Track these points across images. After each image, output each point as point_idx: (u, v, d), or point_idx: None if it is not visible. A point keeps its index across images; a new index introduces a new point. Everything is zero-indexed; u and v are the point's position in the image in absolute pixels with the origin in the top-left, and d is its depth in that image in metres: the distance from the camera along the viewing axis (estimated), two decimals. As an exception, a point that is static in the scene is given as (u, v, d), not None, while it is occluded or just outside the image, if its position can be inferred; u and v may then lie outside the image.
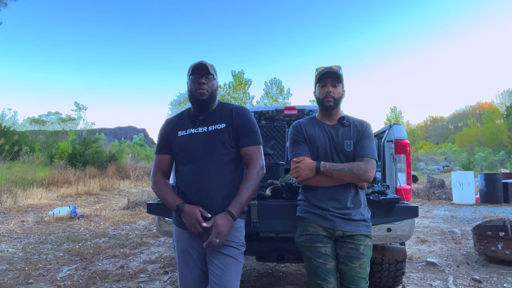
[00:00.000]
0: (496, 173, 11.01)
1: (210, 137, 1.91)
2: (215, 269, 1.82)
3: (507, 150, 31.31)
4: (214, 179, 1.86)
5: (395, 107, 40.97)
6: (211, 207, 1.85)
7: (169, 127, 2.03)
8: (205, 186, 1.86)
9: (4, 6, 14.19)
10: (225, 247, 1.83)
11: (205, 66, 1.91)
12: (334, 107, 2.06)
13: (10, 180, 10.23)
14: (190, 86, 1.95)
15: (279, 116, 4.74)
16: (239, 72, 26.30)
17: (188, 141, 1.93)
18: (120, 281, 3.77)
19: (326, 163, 1.95)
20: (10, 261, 4.44)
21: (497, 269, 4.03)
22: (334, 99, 2.03)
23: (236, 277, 1.85)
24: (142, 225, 7.02)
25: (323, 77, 2.04)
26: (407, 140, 2.87)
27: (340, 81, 2.06)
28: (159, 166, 2.01)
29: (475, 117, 47.00)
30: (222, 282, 1.79)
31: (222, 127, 1.92)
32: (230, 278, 1.81)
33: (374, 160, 1.99)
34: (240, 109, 2.01)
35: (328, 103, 2.03)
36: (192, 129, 1.95)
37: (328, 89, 2.02)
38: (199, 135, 1.92)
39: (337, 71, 2.03)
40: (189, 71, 1.96)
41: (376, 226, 2.24)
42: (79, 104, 25.40)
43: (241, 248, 1.90)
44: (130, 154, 20.22)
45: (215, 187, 1.85)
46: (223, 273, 1.80)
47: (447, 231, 6.29)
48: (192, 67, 1.93)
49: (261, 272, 4.03)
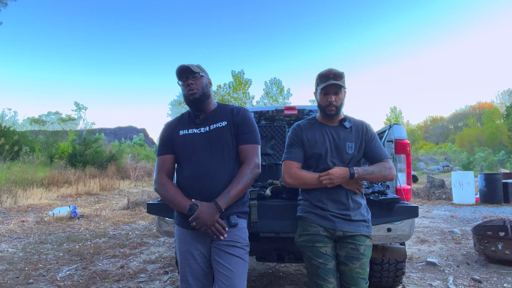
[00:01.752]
0: (496, 173, 11.01)
1: (211, 135, 1.92)
2: (222, 269, 1.82)
3: (507, 150, 31.29)
4: (216, 177, 1.87)
5: (395, 107, 41.01)
6: None
7: (171, 128, 2.03)
8: (207, 184, 1.86)
9: (4, 6, 14.20)
10: (231, 247, 1.84)
11: (187, 67, 1.93)
12: (336, 115, 2.07)
13: (10, 180, 10.23)
14: (182, 91, 1.99)
15: (279, 116, 4.74)
16: (239, 72, 26.31)
17: (190, 139, 1.94)
18: (120, 281, 3.77)
19: (358, 169, 1.97)
20: (10, 261, 4.44)
21: (497, 269, 4.03)
22: (336, 107, 2.03)
23: (244, 277, 1.86)
24: (142, 225, 7.02)
25: (326, 87, 2.01)
26: (407, 140, 2.87)
27: (341, 89, 2.03)
28: (163, 167, 1.99)
29: (475, 117, 46.99)
30: (231, 282, 1.79)
31: (224, 125, 1.94)
32: (238, 278, 1.82)
33: (390, 159, 2.08)
34: (241, 108, 2.03)
35: (330, 112, 2.04)
36: (194, 129, 1.97)
37: (331, 99, 2.01)
38: (201, 134, 1.94)
39: (340, 82, 1.99)
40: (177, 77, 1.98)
41: (376, 226, 2.24)
42: (79, 104, 25.38)
43: (246, 248, 1.92)
44: (130, 154, 20.23)
45: (217, 185, 1.86)
46: (231, 273, 1.81)
47: (447, 231, 6.29)
48: (176, 73, 1.95)
49: (261, 272, 4.03)
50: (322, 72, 2.04)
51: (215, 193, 1.84)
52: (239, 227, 1.89)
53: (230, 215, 1.88)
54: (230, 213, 1.89)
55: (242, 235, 1.90)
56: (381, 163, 2.02)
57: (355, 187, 2.00)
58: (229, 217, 1.88)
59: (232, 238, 1.85)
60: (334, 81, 1.98)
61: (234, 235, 1.86)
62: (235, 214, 1.90)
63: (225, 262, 1.82)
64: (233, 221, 1.88)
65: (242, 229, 1.92)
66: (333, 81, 1.98)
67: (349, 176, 1.94)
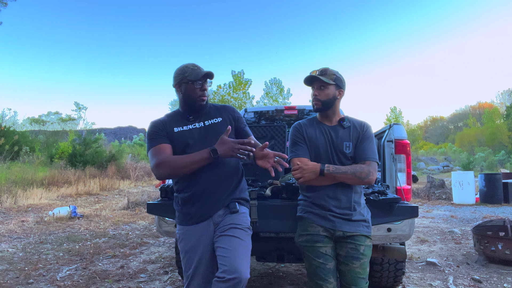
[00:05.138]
0: (496, 173, 11.00)
1: (208, 130, 1.96)
2: (221, 252, 1.80)
3: (507, 150, 31.27)
4: (216, 170, 1.91)
5: (395, 107, 41.08)
6: (215, 196, 1.90)
7: (163, 124, 1.99)
8: (207, 178, 1.89)
9: (4, 6, 14.19)
10: (230, 229, 1.85)
11: (211, 74, 1.96)
12: (323, 110, 2.06)
13: (10, 180, 10.22)
14: (192, 91, 1.95)
15: (279, 116, 4.74)
16: (239, 72, 26.29)
17: (187, 135, 1.96)
18: (120, 281, 3.77)
19: (330, 166, 1.95)
20: (10, 261, 4.44)
21: (497, 269, 4.03)
22: (321, 102, 2.03)
23: (244, 258, 1.78)
24: (142, 225, 7.02)
25: (306, 83, 2.07)
26: (407, 140, 2.87)
27: (325, 83, 2.00)
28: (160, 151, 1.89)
29: (475, 117, 46.95)
30: (229, 262, 1.73)
31: (219, 120, 2.00)
32: (237, 257, 1.75)
33: (375, 162, 2.00)
34: (229, 106, 2.17)
35: (316, 106, 2.06)
36: (188, 125, 1.99)
37: (314, 92, 2.04)
38: (197, 129, 1.97)
39: (322, 77, 2.00)
40: (189, 74, 1.94)
41: (376, 226, 2.25)
42: (79, 104, 25.41)
43: (247, 230, 1.91)
44: (130, 154, 20.21)
45: (217, 179, 1.91)
46: (229, 252, 1.76)
47: (447, 231, 6.29)
48: (203, 74, 1.94)
49: (261, 272, 4.03)
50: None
51: (213, 185, 1.90)
52: (240, 212, 1.92)
53: (231, 203, 1.92)
54: (231, 200, 1.92)
55: (243, 218, 1.93)
56: (360, 164, 1.97)
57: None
58: (230, 204, 1.92)
59: (232, 222, 1.87)
60: (314, 75, 2.01)
61: (234, 219, 1.88)
62: (235, 202, 1.94)
63: (224, 244, 1.81)
64: (233, 208, 1.91)
65: (243, 214, 1.95)
66: (308, 76, 2.02)
67: (319, 172, 1.93)
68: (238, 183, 2.01)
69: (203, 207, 1.91)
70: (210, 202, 1.91)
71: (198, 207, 1.92)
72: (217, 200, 1.91)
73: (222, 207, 1.92)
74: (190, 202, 1.94)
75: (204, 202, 1.91)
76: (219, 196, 1.91)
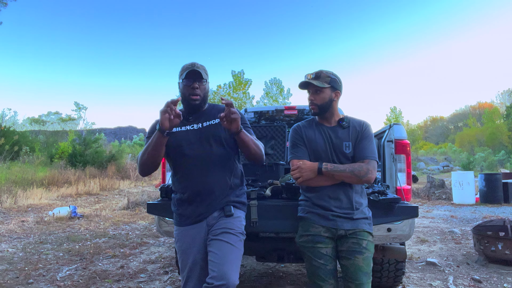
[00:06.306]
0: (496, 173, 11.00)
1: (205, 131, 1.95)
2: (212, 257, 1.79)
3: (507, 150, 31.25)
4: (212, 171, 1.90)
5: (395, 107, 41.02)
6: (210, 197, 1.89)
7: None
8: (204, 178, 1.89)
9: (4, 6, 14.19)
10: (224, 234, 1.84)
11: (199, 72, 1.91)
12: (320, 113, 2.06)
13: (10, 180, 10.23)
14: (183, 89, 1.96)
15: (279, 116, 4.74)
16: (239, 72, 26.26)
17: (184, 135, 1.95)
18: (120, 281, 3.77)
19: (328, 164, 1.95)
20: (10, 261, 4.44)
21: (497, 269, 4.03)
22: (317, 106, 2.03)
23: (233, 262, 1.78)
24: (142, 225, 7.02)
25: (301, 87, 2.07)
26: (407, 140, 2.87)
27: (319, 87, 2.00)
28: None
29: (475, 117, 46.91)
30: (218, 268, 1.72)
31: (217, 122, 1.96)
32: (226, 263, 1.75)
33: (375, 161, 2.00)
34: None
35: (312, 111, 2.07)
36: (186, 126, 1.98)
37: (310, 97, 2.05)
38: (195, 130, 1.96)
39: (314, 82, 1.99)
40: (181, 73, 1.95)
41: (376, 226, 2.24)
42: (79, 104, 25.35)
43: (240, 236, 1.90)
44: (130, 154, 20.22)
45: (214, 179, 1.90)
46: (219, 258, 1.76)
47: (447, 231, 6.29)
48: (186, 72, 1.91)
49: (261, 272, 4.02)
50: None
51: (210, 185, 1.89)
52: (234, 216, 1.90)
53: (226, 205, 1.91)
54: (226, 203, 1.91)
55: (236, 223, 1.90)
56: (359, 162, 1.97)
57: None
58: (224, 207, 1.90)
59: (225, 226, 1.85)
60: (308, 80, 2.02)
61: (227, 223, 1.86)
62: (231, 205, 1.92)
63: (216, 249, 1.80)
64: (228, 212, 1.89)
65: (238, 218, 1.93)
66: (305, 80, 2.03)
67: (317, 170, 1.94)
68: (235, 185, 2.00)
69: (197, 209, 1.91)
70: (204, 204, 1.90)
71: (192, 208, 1.92)
72: (212, 201, 1.90)
73: (217, 209, 1.90)
74: (185, 203, 1.94)
75: (198, 203, 1.91)
76: (214, 197, 1.90)
